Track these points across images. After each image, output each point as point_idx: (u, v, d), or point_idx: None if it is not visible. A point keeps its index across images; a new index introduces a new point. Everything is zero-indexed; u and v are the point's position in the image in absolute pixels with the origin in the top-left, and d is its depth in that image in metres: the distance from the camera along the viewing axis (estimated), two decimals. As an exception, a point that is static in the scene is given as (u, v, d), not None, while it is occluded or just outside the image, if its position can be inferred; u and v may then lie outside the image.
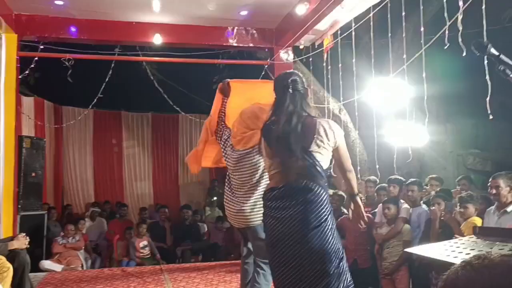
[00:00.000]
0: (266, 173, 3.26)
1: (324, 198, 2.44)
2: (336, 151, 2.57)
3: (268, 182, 3.44)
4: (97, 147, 10.93)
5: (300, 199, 2.39)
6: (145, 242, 7.33)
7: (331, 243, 2.38)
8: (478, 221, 3.99)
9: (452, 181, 6.71)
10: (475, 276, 0.84)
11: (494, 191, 3.85)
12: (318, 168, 2.47)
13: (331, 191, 6.21)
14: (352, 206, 2.82)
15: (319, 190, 2.42)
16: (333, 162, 2.66)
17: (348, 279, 2.42)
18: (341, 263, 2.40)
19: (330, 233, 2.40)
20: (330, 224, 2.44)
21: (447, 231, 4.26)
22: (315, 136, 2.48)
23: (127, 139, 11.23)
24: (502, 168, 4.22)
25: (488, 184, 3.95)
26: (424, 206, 5.02)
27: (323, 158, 2.50)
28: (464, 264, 0.89)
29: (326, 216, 2.43)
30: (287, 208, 2.41)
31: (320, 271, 2.33)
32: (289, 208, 2.40)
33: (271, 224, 2.48)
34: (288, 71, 2.85)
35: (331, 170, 6.27)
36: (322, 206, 2.41)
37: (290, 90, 2.58)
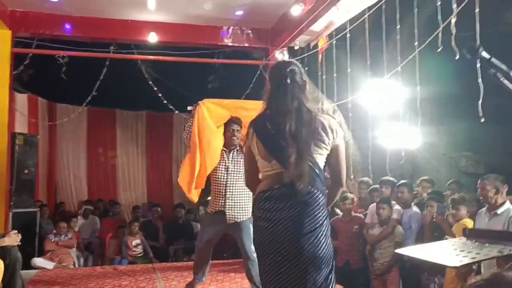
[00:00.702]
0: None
1: (322, 202, 2.26)
2: (333, 152, 2.34)
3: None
4: (91, 145, 10.89)
5: (296, 201, 2.21)
6: (138, 241, 7.32)
7: (323, 250, 2.22)
8: (469, 223, 4.02)
9: (445, 183, 6.74)
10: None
11: (482, 193, 3.90)
12: (317, 170, 2.26)
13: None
14: None
15: (317, 193, 2.24)
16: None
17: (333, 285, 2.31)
18: (330, 275, 2.27)
19: (324, 239, 2.24)
20: (325, 230, 2.26)
21: (440, 233, 4.29)
22: (315, 134, 2.26)
23: (121, 137, 11.20)
24: (494, 171, 4.26)
25: (477, 187, 3.99)
26: (415, 207, 5.04)
27: (322, 158, 2.31)
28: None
29: (322, 221, 2.24)
30: (281, 210, 2.23)
31: (309, 280, 2.19)
32: (284, 210, 2.22)
33: (262, 226, 2.29)
34: (286, 60, 2.60)
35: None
36: (319, 210, 2.23)
37: (289, 81, 2.31)
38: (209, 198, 4.43)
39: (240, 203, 4.16)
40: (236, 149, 4.25)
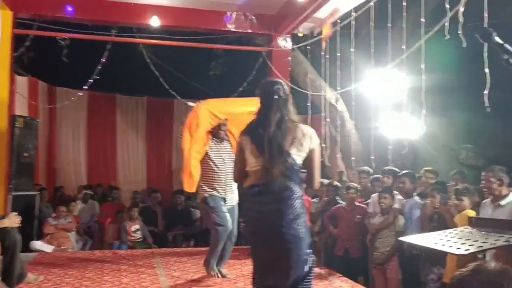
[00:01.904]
0: None
1: (299, 195, 2.79)
2: (309, 156, 2.86)
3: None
4: (91, 129, 10.85)
5: (278, 197, 2.73)
6: (137, 226, 7.32)
7: (303, 232, 2.74)
8: (471, 214, 4.00)
9: (444, 174, 6.73)
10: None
11: (486, 185, 3.88)
12: (296, 168, 2.78)
13: (325, 181, 6.23)
14: None
15: (295, 189, 2.76)
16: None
17: (312, 260, 2.83)
18: (309, 250, 2.79)
19: (303, 224, 2.76)
20: (304, 218, 2.79)
21: (439, 224, 4.28)
22: (295, 139, 2.78)
23: (121, 122, 11.16)
24: (494, 164, 4.23)
25: (482, 178, 3.97)
26: (417, 198, 5.03)
27: (300, 160, 2.82)
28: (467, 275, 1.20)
29: (301, 210, 2.77)
30: (266, 203, 2.76)
31: (293, 256, 2.71)
32: (269, 203, 2.75)
33: (253, 217, 2.87)
34: (271, 79, 3.24)
35: (325, 160, 6.30)
36: (297, 201, 2.75)
37: (276, 96, 2.86)
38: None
39: (233, 189, 4.65)
40: (226, 140, 4.70)
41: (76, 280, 4.61)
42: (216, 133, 4.63)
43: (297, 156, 2.78)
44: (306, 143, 2.80)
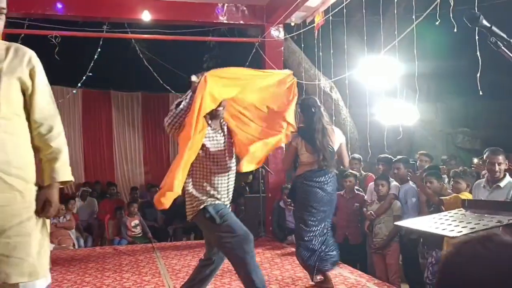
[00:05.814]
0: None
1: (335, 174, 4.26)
2: (340, 146, 4.26)
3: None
4: (86, 127, 10.83)
5: (330, 177, 4.18)
6: (137, 221, 7.35)
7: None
8: (468, 197, 4.02)
9: (441, 159, 6.76)
10: (483, 252, 0.85)
11: (491, 167, 3.76)
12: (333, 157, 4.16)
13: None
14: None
15: (334, 171, 4.27)
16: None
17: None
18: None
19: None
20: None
21: (436, 208, 4.30)
22: (330, 138, 4.12)
23: (117, 119, 11.14)
24: (491, 146, 4.23)
25: (486, 160, 3.87)
26: (411, 183, 5.05)
27: (334, 149, 4.14)
28: (473, 239, 0.91)
29: (336, 183, 4.28)
30: (326, 182, 4.11)
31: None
32: (327, 182, 4.12)
33: (315, 191, 4.03)
34: (306, 97, 4.56)
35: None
36: (335, 178, 4.27)
37: (313, 109, 4.08)
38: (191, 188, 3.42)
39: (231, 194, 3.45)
40: (225, 124, 3.40)
41: (78, 277, 4.64)
42: (214, 113, 3.23)
43: (333, 148, 4.10)
44: (336, 139, 4.13)
